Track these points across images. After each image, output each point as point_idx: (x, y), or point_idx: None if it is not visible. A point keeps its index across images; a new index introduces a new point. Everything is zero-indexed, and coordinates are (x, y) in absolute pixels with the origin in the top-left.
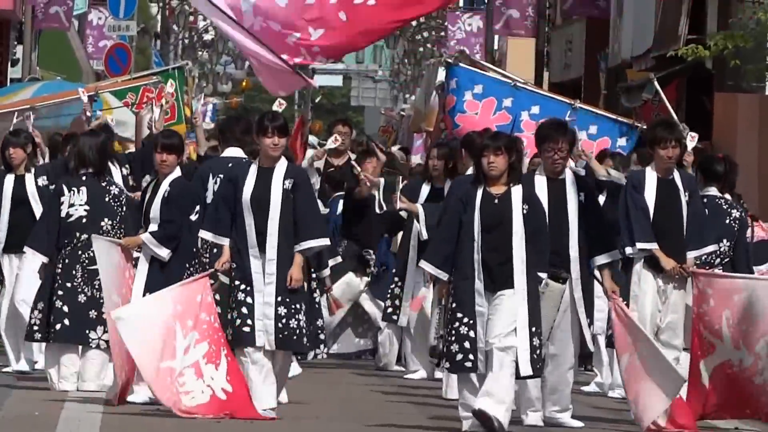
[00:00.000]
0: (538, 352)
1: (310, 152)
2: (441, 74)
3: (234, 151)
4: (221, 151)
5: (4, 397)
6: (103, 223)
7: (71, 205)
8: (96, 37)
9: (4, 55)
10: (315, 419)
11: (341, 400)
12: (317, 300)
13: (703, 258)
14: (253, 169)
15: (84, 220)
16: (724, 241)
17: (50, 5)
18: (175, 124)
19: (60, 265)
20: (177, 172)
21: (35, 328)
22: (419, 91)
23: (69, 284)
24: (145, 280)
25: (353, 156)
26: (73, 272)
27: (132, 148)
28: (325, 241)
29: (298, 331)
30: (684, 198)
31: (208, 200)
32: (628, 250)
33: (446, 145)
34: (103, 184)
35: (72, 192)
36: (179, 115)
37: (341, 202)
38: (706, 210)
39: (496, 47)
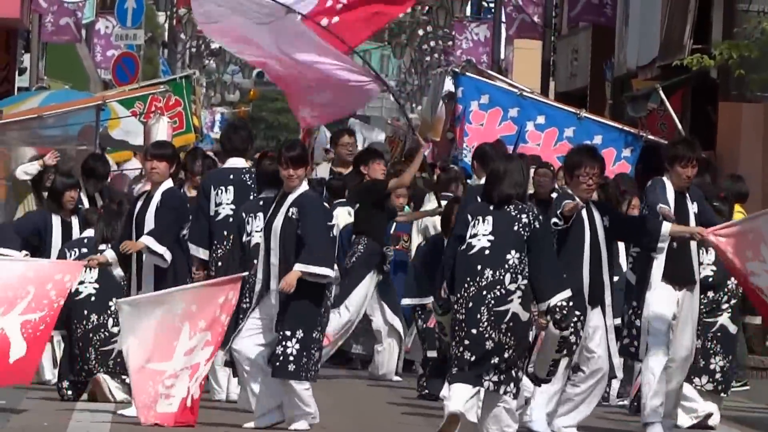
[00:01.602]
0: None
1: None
2: (448, 84)
3: (236, 162)
4: (223, 162)
5: (14, 407)
6: (111, 303)
7: (81, 283)
8: (103, 46)
9: (12, 64)
10: (322, 429)
11: (348, 411)
12: (321, 326)
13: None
14: (279, 197)
15: (92, 299)
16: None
17: (59, 16)
18: (184, 133)
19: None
20: (169, 182)
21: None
22: (426, 100)
23: None
24: None
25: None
26: (86, 355)
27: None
28: (326, 271)
29: (282, 358)
30: (692, 210)
31: (211, 212)
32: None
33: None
34: None
35: (84, 269)
36: (188, 125)
37: (339, 209)
38: None
39: (502, 57)
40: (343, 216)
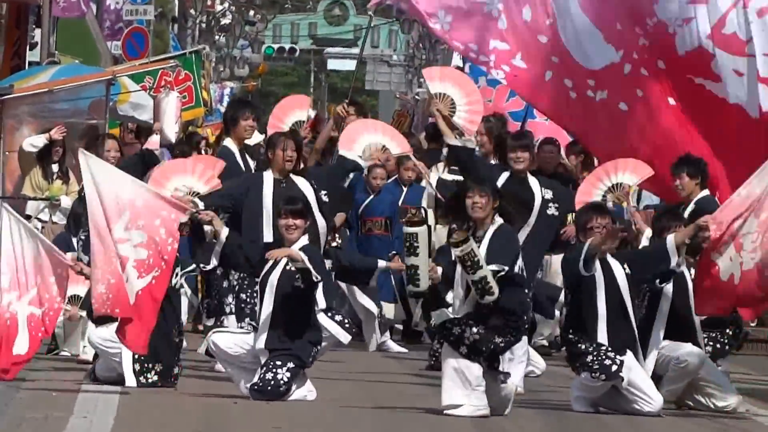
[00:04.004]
0: None
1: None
2: (456, 59)
3: None
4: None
5: (22, 377)
6: None
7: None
8: (113, 21)
9: (23, 39)
10: (331, 400)
11: (357, 381)
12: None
13: None
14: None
15: None
16: None
17: None
18: (193, 107)
19: None
20: None
21: None
22: None
23: None
24: None
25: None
26: None
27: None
28: (320, 298)
29: (272, 382)
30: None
31: None
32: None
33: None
34: None
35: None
36: (197, 99)
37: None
38: None
39: None
40: None
